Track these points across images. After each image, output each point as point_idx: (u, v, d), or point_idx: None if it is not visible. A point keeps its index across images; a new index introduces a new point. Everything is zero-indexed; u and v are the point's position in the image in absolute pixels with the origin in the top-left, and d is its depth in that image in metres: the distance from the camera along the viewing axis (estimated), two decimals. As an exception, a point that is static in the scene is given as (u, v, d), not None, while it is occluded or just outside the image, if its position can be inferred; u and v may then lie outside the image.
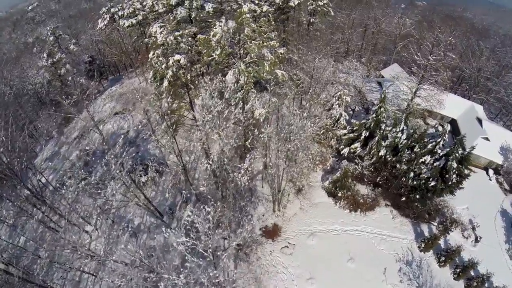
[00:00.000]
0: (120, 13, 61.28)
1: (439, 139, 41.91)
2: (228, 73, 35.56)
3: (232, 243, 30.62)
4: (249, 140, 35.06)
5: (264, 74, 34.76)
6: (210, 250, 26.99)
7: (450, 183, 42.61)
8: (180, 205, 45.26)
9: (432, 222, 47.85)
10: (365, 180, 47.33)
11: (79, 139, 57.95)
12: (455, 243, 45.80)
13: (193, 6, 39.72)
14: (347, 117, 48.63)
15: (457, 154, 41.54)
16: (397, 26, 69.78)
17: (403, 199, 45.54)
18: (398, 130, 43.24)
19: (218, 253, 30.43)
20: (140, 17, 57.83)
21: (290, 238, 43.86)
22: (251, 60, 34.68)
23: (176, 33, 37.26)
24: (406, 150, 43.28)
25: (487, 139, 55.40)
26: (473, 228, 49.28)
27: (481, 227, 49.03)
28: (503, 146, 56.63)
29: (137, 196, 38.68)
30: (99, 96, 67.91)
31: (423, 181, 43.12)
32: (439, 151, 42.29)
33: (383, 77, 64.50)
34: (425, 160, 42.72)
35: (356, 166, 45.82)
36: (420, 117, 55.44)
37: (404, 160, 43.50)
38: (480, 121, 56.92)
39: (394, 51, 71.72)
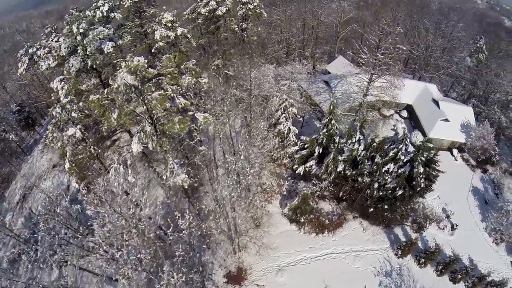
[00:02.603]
0: (38, 53, 48.78)
1: (400, 145, 32.68)
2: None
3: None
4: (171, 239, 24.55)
5: (177, 130, 24.33)
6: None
7: (418, 189, 33.92)
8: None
9: (405, 223, 39.99)
10: (327, 197, 38.22)
11: (22, 203, 46.75)
12: (432, 237, 39.20)
13: (88, 52, 28.22)
14: (297, 131, 38.89)
15: (422, 158, 32.52)
16: (336, 16, 59.31)
17: (371, 210, 36.79)
18: (354, 141, 33.83)
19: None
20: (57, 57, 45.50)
21: (258, 279, 35.02)
22: (158, 115, 24.09)
23: (64, 100, 26.74)
24: (366, 161, 34.11)
25: (446, 120, 46.74)
26: (448, 217, 42.06)
27: (455, 212, 41.93)
28: (463, 123, 48.50)
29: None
30: (36, 147, 55.82)
31: (390, 191, 34.32)
32: (402, 157, 33.20)
33: (329, 73, 54.27)
34: (388, 168, 33.71)
35: (315, 187, 36.42)
36: (375, 109, 45.93)
37: (366, 172, 34.33)
38: (436, 102, 48.08)
39: (337, 40, 61.58)
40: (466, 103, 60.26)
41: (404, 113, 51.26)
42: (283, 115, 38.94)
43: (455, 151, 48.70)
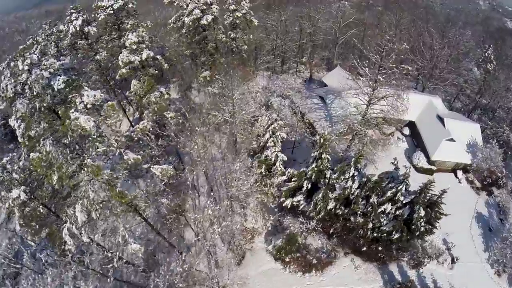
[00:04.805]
0: (20, 66, 42.37)
1: (400, 186, 26.54)
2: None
3: None
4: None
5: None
6: None
7: (418, 232, 27.99)
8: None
9: (402, 259, 33.83)
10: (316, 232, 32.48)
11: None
12: (430, 273, 33.49)
13: (35, 93, 21.93)
14: (285, 158, 32.73)
15: (424, 200, 26.46)
16: (336, 21, 51.67)
17: (364, 249, 31.02)
18: (347, 177, 27.73)
19: None
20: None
21: (238, 323, 29.79)
22: (102, 178, 18.24)
23: (4, 159, 21.13)
24: (361, 201, 28.03)
25: (451, 140, 39.92)
26: (448, 249, 35.83)
27: (457, 242, 35.93)
28: (469, 142, 41.61)
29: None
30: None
31: (385, 234, 28.47)
32: (401, 198, 27.09)
33: (325, 85, 47.01)
34: (385, 209, 27.72)
35: (302, 225, 30.68)
36: (375, 128, 39.08)
37: (359, 212, 28.37)
38: (441, 119, 41.12)
39: (336, 46, 54.03)
40: (471, 114, 53.18)
41: (406, 130, 44.44)
42: (271, 138, 32.84)
43: (459, 172, 41.99)
